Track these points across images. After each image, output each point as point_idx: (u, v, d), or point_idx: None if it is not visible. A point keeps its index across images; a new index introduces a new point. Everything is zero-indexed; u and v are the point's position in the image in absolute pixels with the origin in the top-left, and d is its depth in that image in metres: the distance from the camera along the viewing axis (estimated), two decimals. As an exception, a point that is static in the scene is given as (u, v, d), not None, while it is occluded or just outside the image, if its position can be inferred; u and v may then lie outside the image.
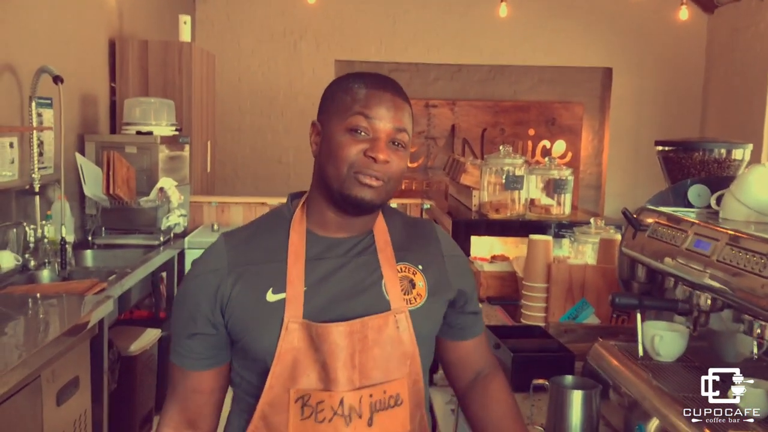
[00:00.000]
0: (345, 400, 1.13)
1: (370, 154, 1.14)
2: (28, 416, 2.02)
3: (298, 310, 1.15)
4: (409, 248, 1.26)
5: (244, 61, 6.11)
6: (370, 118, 1.16)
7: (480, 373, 1.37)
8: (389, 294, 1.20)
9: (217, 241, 1.24)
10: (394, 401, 1.17)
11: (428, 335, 1.26)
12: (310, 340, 1.14)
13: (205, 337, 1.19)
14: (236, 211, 4.72)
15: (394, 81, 1.23)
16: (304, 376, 1.14)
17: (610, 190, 6.41)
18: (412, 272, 1.24)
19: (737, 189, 1.48)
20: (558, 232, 2.83)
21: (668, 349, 1.54)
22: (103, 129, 4.34)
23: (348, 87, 1.19)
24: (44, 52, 3.45)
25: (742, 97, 5.58)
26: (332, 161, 1.17)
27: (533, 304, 2.25)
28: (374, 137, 1.16)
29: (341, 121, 1.17)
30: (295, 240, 1.20)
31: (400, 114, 1.18)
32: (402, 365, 1.19)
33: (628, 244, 1.69)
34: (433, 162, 6.22)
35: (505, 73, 6.33)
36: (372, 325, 1.16)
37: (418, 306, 1.22)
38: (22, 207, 3.24)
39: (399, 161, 1.18)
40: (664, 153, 1.90)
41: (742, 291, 1.23)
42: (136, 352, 3.30)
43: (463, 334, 1.35)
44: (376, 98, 1.17)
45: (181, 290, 1.23)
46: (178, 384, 1.23)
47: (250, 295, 1.17)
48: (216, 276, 1.18)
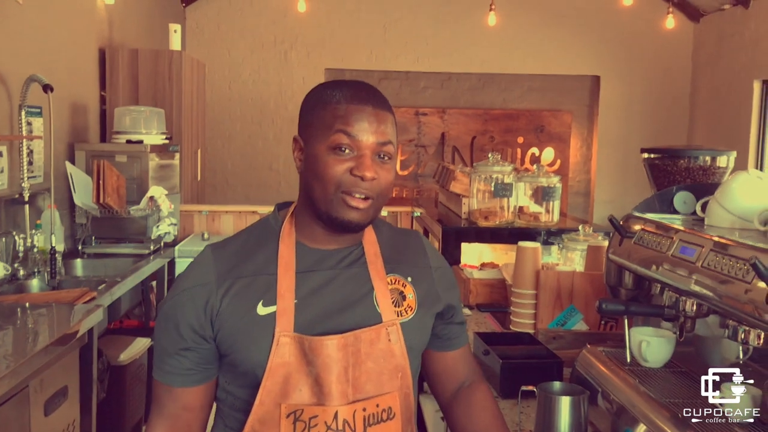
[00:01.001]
0: (339, 414, 1.11)
1: (357, 173, 1.12)
2: (15, 426, 2.01)
3: (289, 324, 1.13)
4: (398, 260, 1.25)
5: (235, 70, 6.12)
6: (353, 136, 1.13)
7: (464, 383, 1.37)
8: (380, 306, 1.19)
9: (203, 253, 1.21)
10: (387, 415, 1.16)
11: (418, 348, 1.26)
12: (302, 354, 1.12)
13: (195, 351, 1.16)
14: (227, 220, 4.72)
15: (374, 90, 1.20)
16: (296, 391, 1.12)
17: (598, 198, 6.45)
18: (402, 284, 1.23)
19: (721, 196, 1.50)
20: (547, 239, 2.85)
21: (655, 355, 1.55)
22: (93, 138, 4.34)
23: (326, 102, 1.16)
24: (34, 60, 3.45)
25: (728, 104, 5.64)
26: (318, 181, 1.14)
27: (522, 311, 2.26)
28: (359, 154, 1.13)
29: (323, 139, 1.14)
30: (285, 252, 1.18)
31: (384, 126, 1.15)
32: (394, 378, 1.18)
33: (615, 250, 1.71)
34: (423, 170, 6.24)
35: (495, 81, 6.37)
36: (364, 338, 1.15)
37: (408, 318, 1.21)
38: (12, 216, 3.23)
39: (386, 174, 1.16)
40: (650, 160, 1.92)
41: (727, 297, 1.24)
42: (126, 361, 3.29)
43: (449, 344, 1.35)
44: (357, 113, 1.13)
45: (167, 305, 1.18)
46: (166, 403, 1.19)
47: (240, 308, 1.14)
48: (205, 289, 1.15)
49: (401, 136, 6.19)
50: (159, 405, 1.20)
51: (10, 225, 3.20)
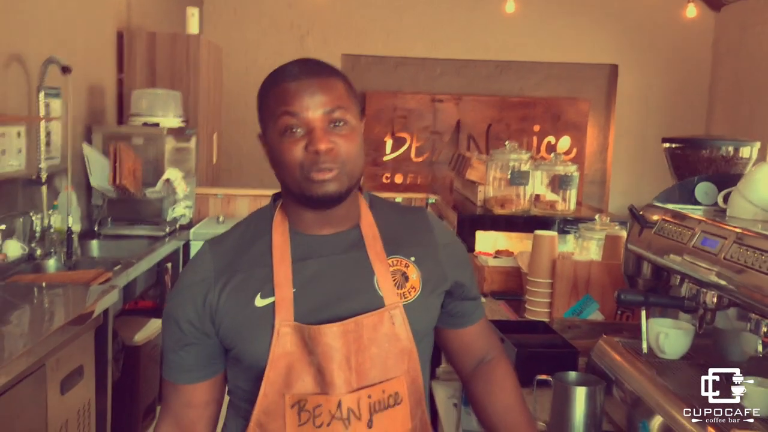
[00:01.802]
0: (343, 402, 1.10)
1: (311, 149, 1.10)
2: (33, 405, 2.03)
3: (288, 314, 1.11)
4: (400, 240, 1.22)
5: (251, 54, 6.11)
6: (296, 113, 1.11)
7: (484, 359, 1.35)
8: (382, 290, 1.16)
9: (201, 249, 1.20)
10: (394, 400, 1.14)
11: (425, 329, 1.23)
12: (303, 344, 1.11)
13: (198, 347, 1.16)
14: (242, 203, 4.73)
15: (309, 61, 1.16)
16: (299, 381, 1.11)
17: (614, 187, 6.40)
18: (405, 265, 1.20)
19: (744, 187, 1.48)
20: (562, 228, 2.83)
21: (673, 347, 1.54)
22: (110, 120, 4.35)
23: (267, 91, 1.15)
24: (52, 42, 3.45)
25: (748, 95, 5.56)
26: (283, 169, 1.14)
27: (537, 300, 2.25)
28: (309, 129, 1.11)
29: (274, 126, 1.13)
30: (279, 242, 1.17)
31: (327, 93, 1.12)
32: (400, 362, 1.15)
33: (634, 240, 1.69)
34: (437, 157, 6.21)
35: (512, 68, 6.32)
36: (366, 323, 1.13)
37: (412, 299, 1.18)
38: (29, 197, 3.25)
39: (345, 140, 1.12)
40: (671, 150, 1.90)
41: (749, 289, 1.23)
42: (141, 342, 3.31)
43: (463, 321, 1.32)
44: (293, 90, 1.11)
45: (169, 304, 1.19)
46: (171, 399, 1.20)
47: (238, 301, 1.14)
48: (203, 285, 1.15)
49: (417, 122, 6.16)
50: (166, 402, 1.22)
51: (28, 205, 3.22)
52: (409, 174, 6.21)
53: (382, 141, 6.17)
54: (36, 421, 2.05)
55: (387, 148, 6.19)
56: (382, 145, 6.18)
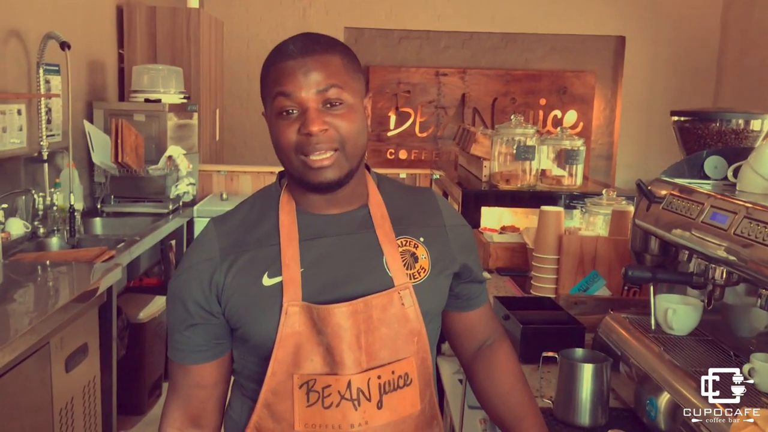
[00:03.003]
0: (353, 383, 1.09)
1: (304, 131, 1.07)
2: (37, 382, 2.04)
3: (296, 293, 1.10)
4: (409, 220, 1.21)
5: (253, 28, 6.04)
6: (289, 94, 1.07)
7: (485, 342, 1.34)
8: (391, 270, 1.14)
9: (206, 228, 1.18)
10: (404, 381, 1.13)
11: (434, 310, 1.22)
12: (312, 323, 1.09)
13: (204, 327, 1.14)
14: (245, 180, 4.71)
15: (305, 37, 1.12)
16: (308, 361, 1.10)
17: (621, 161, 6.35)
18: (414, 245, 1.18)
19: (755, 161, 1.45)
20: (569, 203, 2.80)
21: (681, 323, 1.52)
22: (111, 96, 4.32)
23: (266, 70, 1.12)
24: (51, 17, 3.41)
25: (757, 67, 5.49)
26: (280, 152, 1.12)
27: (543, 276, 2.24)
28: (302, 111, 1.08)
29: (270, 108, 1.11)
30: (286, 221, 1.14)
31: (320, 71, 1.08)
32: (410, 343, 1.14)
33: (641, 216, 1.67)
34: (442, 132, 6.16)
35: (517, 41, 6.24)
36: (376, 303, 1.11)
37: (422, 280, 1.17)
38: (31, 174, 3.23)
39: (342, 120, 1.09)
40: (679, 123, 1.86)
41: (759, 264, 1.20)
42: (145, 319, 3.32)
43: (468, 304, 1.32)
44: (286, 69, 1.08)
45: (173, 283, 1.16)
46: (179, 381, 1.18)
47: (245, 281, 1.12)
48: (209, 265, 1.13)
49: (421, 97, 6.11)
50: (173, 383, 1.20)
51: (30, 183, 3.20)
52: (413, 150, 6.17)
53: (386, 116, 6.12)
54: (41, 398, 2.06)
55: (391, 123, 6.14)
56: (386, 120, 6.13)
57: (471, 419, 2.26)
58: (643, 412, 1.40)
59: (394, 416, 1.12)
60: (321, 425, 1.09)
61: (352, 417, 1.09)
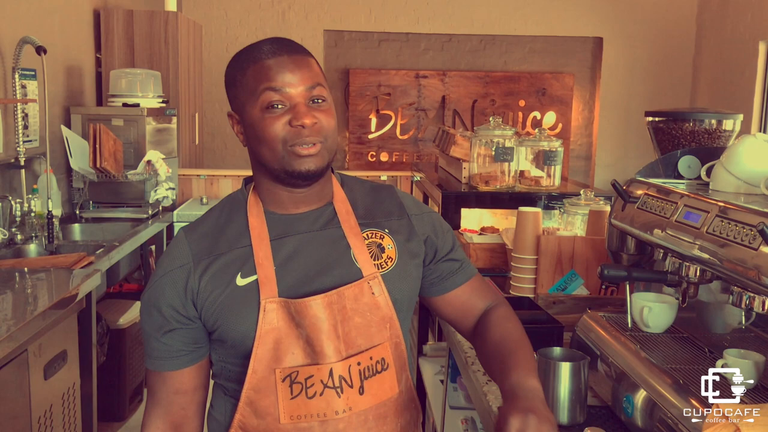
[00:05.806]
0: (334, 371, 1.13)
1: (296, 123, 1.12)
2: (15, 390, 2.02)
3: (272, 290, 1.13)
4: (373, 215, 1.26)
5: (232, 32, 6.02)
6: (279, 89, 1.12)
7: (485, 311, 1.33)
8: (359, 262, 1.19)
9: (177, 237, 1.21)
10: (381, 366, 1.18)
11: (405, 298, 1.24)
12: (290, 318, 1.13)
13: (181, 331, 1.16)
14: (225, 184, 4.69)
15: (285, 40, 1.18)
16: (289, 354, 1.13)
17: (600, 161, 6.41)
18: (380, 236, 1.23)
19: (727, 160, 1.47)
20: (548, 203, 2.82)
21: (657, 321, 1.54)
22: (88, 101, 4.28)
23: (245, 68, 1.15)
24: (26, 22, 3.38)
25: (732, 66, 5.56)
26: (264, 145, 1.14)
27: (522, 276, 2.25)
28: (292, 105, 1.13)
29: (254, 103, 1.13)
30: (255, 223, 1.18)
31: (307, 70, 1.15)
32: (383, 329, 1.18)
33: (617, 215, 1.69)
34: (423, 134, 6.19)
35: (496, 43, 6.28)
36: (348, 294, 1.16)
37: (389, 269, 1.21)
38: (8, 181, 3.20)
39: (326, 116, 1.15)
40: (654, 123, 1.89)
41: (731, 262, 1.22)
42: (126, 325, 3.29)
43: (450, 283, 1.31)
44: (276, 66, 1.13)
45: (148, 293, 1.18)
46: (158, 389, 1.19)
47: (219, 283, 1.14)
48: (183, 271, 1.15)
49: (402, 99, 6.12)
50: (152, 393, 1.21)
51: (7, 189, 3.17)
52: (394, 152, 6.18)
53: (366, 119, 6.13)
54: (19, 406, 2.04)
55: (372, 125, 6.15)
56: (367, 122, 6.14)
57: (452, 419, 2.27)
58: (621, 409, 1.41)
59: (375, 400, 1.16)
60: (306, 415, 1.12)
61: (336, 404, 1.13)
